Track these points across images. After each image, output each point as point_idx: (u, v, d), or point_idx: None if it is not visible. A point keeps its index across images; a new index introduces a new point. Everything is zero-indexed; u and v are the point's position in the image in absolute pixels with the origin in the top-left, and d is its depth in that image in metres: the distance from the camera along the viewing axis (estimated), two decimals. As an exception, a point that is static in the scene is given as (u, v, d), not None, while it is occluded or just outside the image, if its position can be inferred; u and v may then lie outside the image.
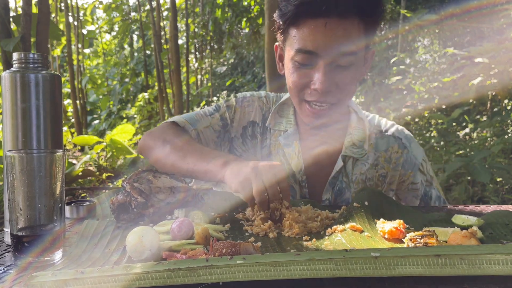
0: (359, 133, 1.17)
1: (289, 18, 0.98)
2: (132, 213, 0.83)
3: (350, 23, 0.96)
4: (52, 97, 0.75)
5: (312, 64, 1.00)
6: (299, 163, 1.16)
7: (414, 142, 1.20)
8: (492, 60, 3.66)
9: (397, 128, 1.21)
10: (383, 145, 1.19)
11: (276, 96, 1.28)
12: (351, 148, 1.16)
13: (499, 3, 3.60)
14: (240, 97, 1.26)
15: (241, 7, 10.14)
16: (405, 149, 1.18)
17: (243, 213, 0.90)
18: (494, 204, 3.00)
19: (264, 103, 1.26)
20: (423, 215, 0.87)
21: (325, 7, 0.92)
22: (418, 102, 5.22)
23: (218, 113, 1.24)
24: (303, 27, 0.97)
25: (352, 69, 1.01)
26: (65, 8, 10.55)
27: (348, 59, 0.98)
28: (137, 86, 12.37)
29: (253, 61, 12.06)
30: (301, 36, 0.98)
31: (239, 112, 1.24)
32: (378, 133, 1.20)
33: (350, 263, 0.53)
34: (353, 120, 1.19)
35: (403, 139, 1.19)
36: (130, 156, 7.02)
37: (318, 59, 0.98)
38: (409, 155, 1.18)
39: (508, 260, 0.53)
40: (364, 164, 1.16)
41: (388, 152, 1.18)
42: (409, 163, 1.17)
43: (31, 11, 2.71)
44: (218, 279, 0.53)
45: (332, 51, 0.96)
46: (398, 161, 1.18)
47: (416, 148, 1.19)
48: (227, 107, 1.24)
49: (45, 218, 0.64)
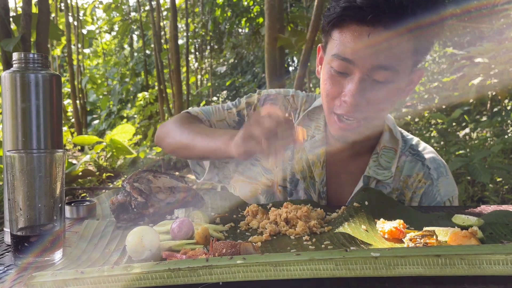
0: (388, 154, 1.07)
1: (334, 20, 0.91)
2: (132, 213, 0.83)
3: (398, 37, 0.87)
4: (52, 97, 0.75)
5: (347, 74, 0.92)
6: (322, 173, 1.09)
7: (446, 178, 1.08)
8: (492, 60, 3.66)
9: (433, 157, 1.10)
10: (409, 170, 1.08)
11: (307, 96, 1.18)
12: (375, 168, 1.06)
13: (499, 3, 3.60)
14: (264, 95, 1.18)
15: (241, 7, 10.14)
16: (430, 180, 1.07)
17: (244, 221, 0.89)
18: (494, 204, 3.00)
19: (290, 102, 1.17)
20: (423, 215, 0.87)
21: (371, 16, 0.84)
22: (418, 102, 5.22)
23: (236, 108, 1.17)
24: (346, 31, 0.90)
25: (389, 86, 0.92)
26: (65, 8, 10.56)
27: (385, 75, 0.89)
28: (137, 86, 12.37)
29: (253, 61, 12.06)
30: (341, 41, 0.91)
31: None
32: (409, 156, 1.10)
33: (350, 263, 0.53)
34: (384, 139, 1.09)
35: (431, 169, 1.08)
36: (130, 156, 7.03)
37: (354, 69, 0.90)
38: (431, 188, 1.06)
39: (508, 260, 0.53)
40: (386, 187, 1.07)
41: (412, 178, 1.08)
42: (429, 197, 1.07)
43: (31, 11, 2.72)
44: (218, 279, 0.53)
45: (370, 64, 0.88)
46: (418, 191, 1.07)
47: (446, 185, 1.07)
48: (247, 104, 1.17)
49: (45, 218, 0.64)
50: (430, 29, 0.90)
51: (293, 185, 1.12)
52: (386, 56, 0.88)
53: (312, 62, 4.20)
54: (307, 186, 1.10)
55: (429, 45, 0.94)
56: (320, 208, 0.89)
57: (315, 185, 1.10)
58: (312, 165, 1.10)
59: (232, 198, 1.02)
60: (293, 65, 10.91)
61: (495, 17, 3.92)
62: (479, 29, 4.90)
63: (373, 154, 1.08)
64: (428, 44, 0.93)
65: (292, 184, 1.12)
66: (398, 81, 0.92)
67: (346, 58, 0.90)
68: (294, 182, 1.12)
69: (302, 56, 3.76)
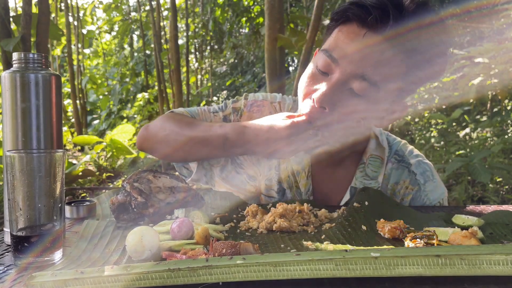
0: (375, 163, 1.04)
1: (338, 15, 0.88)
2: (132, 213, 0.83)
3: (394, 53, 0.81)
4: (52, 97, 0.74)
5: (328, 74, 0.88)
6: (307, 183, 1.06)
7: (433, 182, 1.06)
8: (492, 60, 3.66)
9: (418, 161, 1.07)
10: (395, 177, 1.06)
11: (293, 103, 1.13)
12: (362, 179, 1.04)
13: (499, 3, 3.60)
14: (251, 100, 1.13)
15: (241, 7, 10.14)
16: (417, 186, 1.05)
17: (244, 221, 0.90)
18: (494, 204, 3.00)
19: (276, 109, 1.12)
20: (423, 215, 0.87)
21: (373, 16, 0.80)
22: (418, 102, 5.22)
23: (222, 112, 1.13)
24: (345, 29, 0.86)
25: (362, 103, 0.85)
26: (65, 8, 10.56)
27: (362, 86, 0.83)
28: (137, 86, 12.37)
29: (253, 61, 12.06)
30: (335, 38, 0.87)
31: (245, 117, 1.11)
32: (395, 163, 1.07)
33: (350, 263, 0.53)
34: (370, 147, 1.05)
35: (417, 175, 1.05)
36: (130, 156, 7.03)
37: (336, 70, 0.86)
38: (419, 193, 1.05)
39: (508, 260, 0.53)
40: None
41: (399, 186, 1.06)
42: (418, 202, 1.05)
43: (31, 11, 2.72)
44: (218, 279, 0.53)
45: (353, 68, 0.83)
46: (406, 197, 1.05)
47: (433, 188, 1.05)
48: (233, 109, 1.13)
49: (45, 218, 0.64)
50: (428, 59, 0.85)
51: (280, 194, 1.09)
52: (372, 67, 0.82)
53: (312, 62, 4.19)
54: (293, 195, 1.08)
55: (421, 82, 0.89)
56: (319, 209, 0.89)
57: (301, 195, 1.07)
58: (297, 175, 1.07)
59: (232, 198, 1.02)
60: (293, 65, 10.92)
61: (495, 17, 3.92)
62: (479, 29, 4.90)
63: (360, 164, 1.05)
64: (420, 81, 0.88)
65: (279, 194, 1.09)
66: (374, 101, 0.86)
67: (332, 56, 0.86)
68: (281, 192, 1.09)
69: (302, 56, 3.76)
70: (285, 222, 0.78)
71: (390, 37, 0.80)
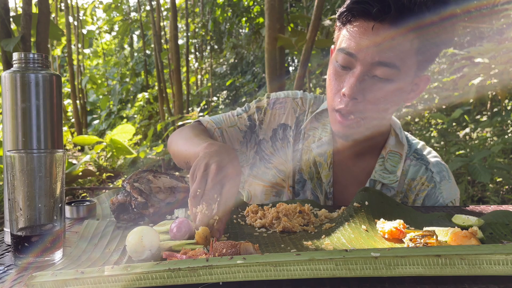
0: (394, 158, 1.09)
1: (344, 15, 0.93)
2: (132, 213, 0.83)
3: (402, 34, 0.87)
4: (52, 97, 0.75)
5: (350, 68, 0.94)
6: (329, 174, 1.11)
7: (448, 182, 1.10)
8: (492, 60, 3.66)
9: (436, 161, 1.12)
10: (413, 173, 1.10)
11: (314, 98, 1.20)
12: (381, 172, 1.09)
13: (499, 3, 3.60)
14: (273, 98, 1.20)
15: (241, 7, 10.14)
16: (433, 183, 1.09)
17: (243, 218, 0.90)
18: (494, 204, 3.00)
19: (298, 105, 1.19)
20: (423, 215, 0.87)
21: (376, 9, 0.86)
22: (418, 102, 5.22)
23: (246, 113, 1.19)
24: (354, 27, 0.92)
25: (390, 85, 0.92)
26: (65, 8, 10.56)
27: (386, 72, 0.90)
28: (137, 86, 12.37)
29: (253, 61, 12.06)
30: (347, 36, 0.93)
31: (269, 114, 1.18)
32: (414, 160, 1.12)
33: (350, 263, 0.53)
34: (390, 143, 1.11)
35: (434, 173, 1.10)
36: (130, 156, 7.03)
37: (356, 63, 0.92)
38: (434, 191, 1.08)
39: (508, 260, 0.53)
40: (390, 190, 1.09)
41: (415, 181, 1.10)
42: (432, 199, 1.09)
43: (31, 11, 2.72)
44: (218, 279, 0.53)
45: (371, 58, 0.89)
46: (421, 193, 1.09)
47: (448, 188, 1.09)
48: (257, 109, 1.19)
49: (45, 218, 0.64)
50: (436, 31, 0.90)
51: (300, 185, 1.14)
52: (388, 52, 0.88)
53: (312, 62, 4.20)
54: (314, 186, 1.12)
55: (435, 49, 0.93)
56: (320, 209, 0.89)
57: (322, 186, 1.12)
58: (319, 166, 1.12)
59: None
60: (293, 65, 10.91)
61: (495, 17, 3.92)
62: (479, 29, 4.90)
63: (379, 158, 1.10)
64: (434, 48, 0.93)
65: (299, 185, 1.14)
66: (399, 80, 0.92)
67: (350, 52, 0.92)
68: (301, 183, 1.14)
69: (302, 56, 3.76)
70: (288, 222, 0.78)
71: (396, 22, 0.86)
